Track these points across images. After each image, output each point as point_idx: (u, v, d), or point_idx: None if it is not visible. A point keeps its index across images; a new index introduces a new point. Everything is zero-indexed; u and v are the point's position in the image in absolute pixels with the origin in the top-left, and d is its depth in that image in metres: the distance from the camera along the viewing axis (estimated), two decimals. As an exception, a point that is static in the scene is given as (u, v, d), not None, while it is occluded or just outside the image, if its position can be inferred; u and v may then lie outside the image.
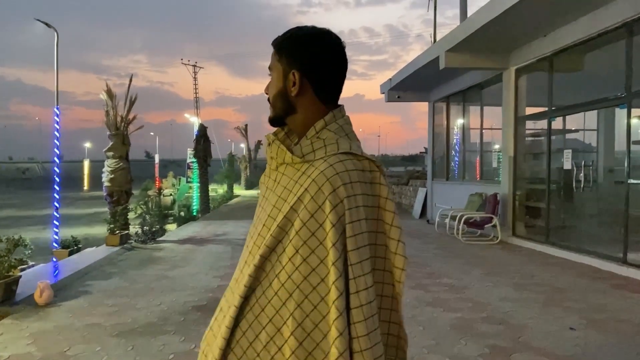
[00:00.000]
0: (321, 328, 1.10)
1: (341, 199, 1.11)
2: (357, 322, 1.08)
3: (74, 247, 9.09)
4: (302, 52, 1.25)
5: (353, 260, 1.10)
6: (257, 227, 1.22)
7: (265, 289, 1.15)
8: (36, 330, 4.33)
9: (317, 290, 1.10)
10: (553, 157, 8.54)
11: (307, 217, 1.12)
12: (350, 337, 1.07)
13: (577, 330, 4.24)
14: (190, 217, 15.76)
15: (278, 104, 1.27)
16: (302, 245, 1.12)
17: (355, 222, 1.12)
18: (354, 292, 1.09)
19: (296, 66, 1.24)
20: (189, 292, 5.65)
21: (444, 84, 12.68)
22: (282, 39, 1.28)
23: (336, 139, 1.21)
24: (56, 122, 9.36)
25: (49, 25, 9.65)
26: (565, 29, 7.72)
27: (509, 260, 7.66)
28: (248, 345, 1.15)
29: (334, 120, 1.24)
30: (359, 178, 1.16)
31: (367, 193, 1.16)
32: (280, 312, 1.13)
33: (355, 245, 1.11)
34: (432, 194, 13.81)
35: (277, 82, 1.27)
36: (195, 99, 58.09)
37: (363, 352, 1.07)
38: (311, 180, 1.14)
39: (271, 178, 1.27)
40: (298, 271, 1.11)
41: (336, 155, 1.17)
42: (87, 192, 37.69)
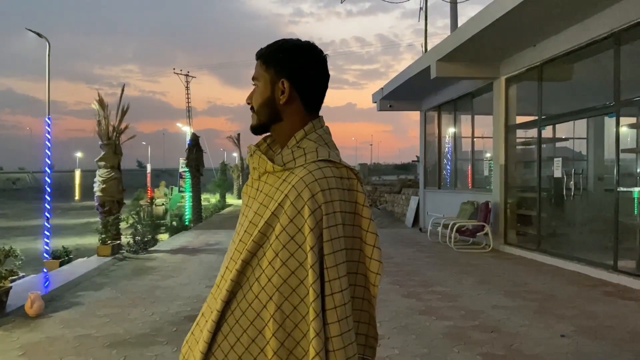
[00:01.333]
0: (301, 328, 1.15)
1: (319, 204, 1.16)
2: (331, 322, 1.13)
3: (65, 257, 9.01)
4: (291, 63, 1.29)
5: (329, 264, 1.15)
6: (240, 234, 1.26)
7: (246, 292, 1.19)
8: (27, 341, 4.29)
9: (296, 292, 1.15)
10: (543, 165, 8.62)
11: (287, 222, 1.17)
12: (325, 337, 1.12)
13: (569, 338, 4.27)
14: (182, 227, 15.68)
15: (264, 112, 1.31)
16: (282, 249, 1.16)
17: (332, 227, 1.17)
18: (329, 294, 1.14)
19: (285, 76, 1.29)
20: (182, 302, 5.63)
21: (435, 93, 12.78)
22: (269, 49, 1.33)
23: (316, 147, 1.26)
24: (47, 132, 9.33)
25: (40, 35, 9.64)
26: (554, 39, 7.83)
27: (501, 268, 7.69)
28: (229, 349, 1.18)
29: (314, 130, 1.30)
30: (337, 185, 1.20)
31: (344, 199, 1.22)
32: (261, 315, 1.17)
33: (331, 249, 1.16)
34: (424, 203, 13.86)
35: (264, 90, 1.30)
36: (188, 108, 58.05)
37: (336, 352, 1.12)
38: (291, 186, 1.19)
39: (253, 187, 1.31)
40: (278, 274, 1.16)
41: (315, 162, 1.22)
42: (78, 202, 37.41)
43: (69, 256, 9.15)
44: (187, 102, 58.43)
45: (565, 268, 7.43)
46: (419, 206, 14.16)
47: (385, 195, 19.00)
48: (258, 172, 1.29)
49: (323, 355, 1.11)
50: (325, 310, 1.13)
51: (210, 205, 25.29)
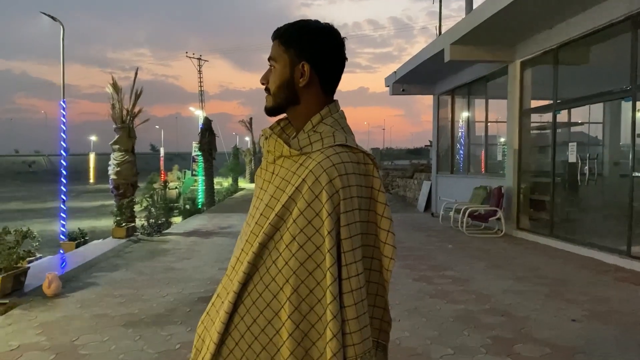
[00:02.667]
0: (316, 310, 1.16)
1: (337, 189, 1.17)
2: (348, 306, 1.15)
3: (81, 239, 9.17)
4: (312, 45, 1.28)
5: (346, 248, 1.16)
6: (255, 217, 1.27)
7: (263, 275, 1.20)
8: (45, 320, 4.40)
9: (313, 275, 1.17)
10: (558, 150, 8.53)
11: (305, 206, 1.18)
12: (342, 320, 1.14)
13: (580, 322, 4.27)
14: (195, 210, 15.82)
15: (282, 94, 1.30)
16: (299, 233, 1.17)
17: (349, 212, 1.18)
18: (346, 278, 1.16)
19: (305, 58, 1.27)
20: (195, 284, 5.71)
21: (448, 76, 12.65)
22: (290, 30, 1.30)
23: (332, 132, 1.26)
24: (62, 116, 9.42)
25: (54, 18, 9.69)
26: (570, 21, 7.69)
27: (513, 253, 7.68)
28: (246, 329, 1.20)
29: (330, 115, 1.29)
30: (354, 170, 1.21)
31: (361, 184, 1.22)
32: (277, 297, 1.18)
33: (348, 234, 1.17)
34: (436, 187, 13.82)
35: (283, 72, 1.29)
36: (200, 92, 58.15)
37: (352, 334, 1.14)
38: (309, 171, 1.19)
39: (268, 171, 1.31)
40: (295, 257, 1.17)
41: (332, 147, 1.22)
42: (93, 185, 37.87)
43: (84, 238, 9.32)
44: (200, 86, 58.53)
45: (578, 253, 7.40)
46: (431, 191, 14.12)
47: (397, 180, 18.96)
48: (273, 156, 1.29)
49: (340, 338, 1.13)
50: (342, 293, 1.15)
51: (222, 189, 25.45)
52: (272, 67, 1.32)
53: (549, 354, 3.58)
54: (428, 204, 14.20)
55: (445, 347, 3.71)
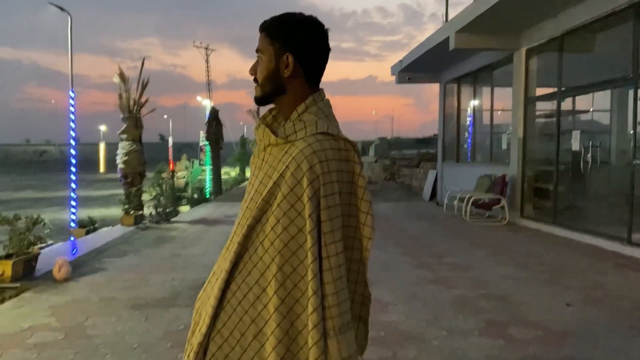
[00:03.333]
0: (300, 287, 1.27)
1: (317, 175, 1.27)
2: (327, 282, 1.26)
3: (90, 226, 9.38)
4: (295, 37, 1.36)
5: (325, 229, 1.27)
6: (247, 201, 1.38)
7: (252, 254, 1.32)
8: (55, 303, 4.57)
9: (296, 254, 1.28)
10: (563, 138, 8.54)
11: (287, 191, 1.28)
12: (322, 295, 1.25)
13: (574, 307, 4.36)
14: (202, 199, 16.00)
15: (268, 84, 1.39)
16: (283, 216, 1.28)
17: (329, 195, 1.28)
18: (325, 257, 1.26)
19: (290, 50, 1.36)
20: (200, 270, 5.85)
21: (455, 65, 12.63)
22: (274, 23, 1.39)
23: (316, 120, 1.35)
24: (71, 105, 9.57)
25: (62, 9, 9.80)
26: (575, 9, 7.67)
27: (515, 240, 7.75)
28: (237, 304, 1.32)
29: (315, 104, 1.38)
30: (334, 156, 1.30)
31: (341, 170, 1.32)
32: (264, 274, 1.30)
33: (328, 216, 1.27)
34: (442, 176, 13.86)
35: (269, 64, 1.37)
36: (208, 82, 58.26)
37: (331, 308, 1.25)
38: (291, 158, 1.29)
39: (259, 158, 1.41)
40: (279, 238, 1.28)
41: (314, 135, 1.31)
42: (103, 175, 38.28)
43: (94, 225, 9.52)
44: (207, 76, 58.63)
45: (580, 241, 7.45)
46: (437, 180, 14.16)
47: (403, 169, 19.00)
48: (263, 144, 1.39)
49: (320, 311, 1.24)
50: (322, 271, 1.26)
51: (230, 178, 25.66)
52: (259, 58, 1.40)
53: (541, 336, 3.68)
54: (434, 193, 14.26)
55: (440, 329, 3.82)
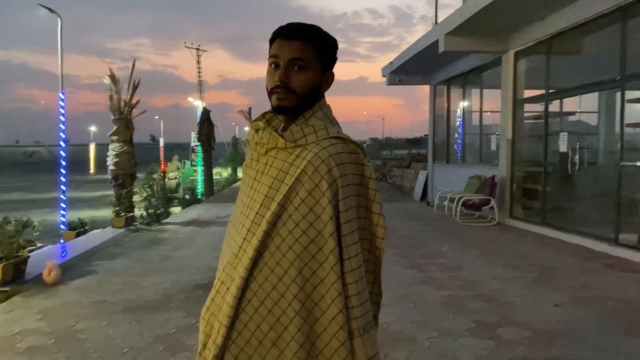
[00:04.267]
0: (319, 290, 1.29)
1: (335, 178, 1.29)
2: (349, 283, 1.29)
3: (80, 229, 9.33)
4: (334, 58, 1.44)
5: (345, 231, 1.30)
6: (254, 208, 1.35)
7: (268, 259, 1.31)
8: (45, 307, 4.55)
9: (315, 258, 1.29)
10: (550, 139, 8.63)
11: (306, 195, 1.29)
12: (345, 296, 1.28)
13: (563, 307, 4.41)
14: (194, 200, 15.96)
15: (309, 97, 1.37)
16: (302, 220, 1.29)
17: (346, 198, 1.31)
18: (347, 259, 1.29)
19: (330, 69, 1.43)
20: (192, 272, 5.85)
21: (444, 67, 12.71)
22: (323, 39, 1.39)
23: (324, 125, 1.38)
24: (61, 107, 9.52)
25: (52, 10, 9.74)
26: (563, 12, 7.76)
27: (505, 241, 7.82)
28: (254, 311, 1.31)
29: (320, 109, 1.41)
30: (348, 159, 1.33)
31: (354, 173, 1.34)
32: (282, 280, 1.29)
33: (347, 218, 1.30)
34: (432, 177, 13.94)
35: (315, 78, 1.37)
36: (199, 82, 58.07)
37: (354, 309, 1.28)
38: (307, 161, 1.30)
39: (261, 162, 1.39)
40: (298, 242, 1.29)
41: (327, 139, 1.34)
42: (93, 176, 38.01)
43: (84, 227, 9.47)
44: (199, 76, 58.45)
45: (568, 241, 7.53)
46: (428, 180, 14.24)
47: (394, 170, 19.08)
48: (265, 148, 1.37)
49: (345, 312, 1.26)
50: (344, 272, 1.28)
51: (222, 179, 25.61)
52: (299, 67, 1.34)
53: (530, 336, 3.73)
54: (424, 193, 14.33)
55: (430, 330, 3.86)
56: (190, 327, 3.98)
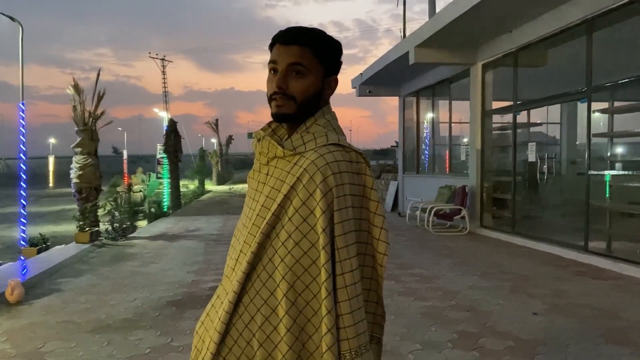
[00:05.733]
0: (312, 306, 1.20)
1: (330, 187, 1.20)
2: (342, 301, 1.18)
3: (42, 245, 8.93)
4: (337, 62, 1.37)
5: (340, 244, 1.20)
6: (252, 218, 1.29)
7: (260, 272, 1.23)
8: (9, 327, 4.28)
9: (308, 271, 1.20)
10: (519, 150, 8.81)
11: (299, 204, 1.21)
12: (336, 314, 1.18)
13: (541, 315, 4.44)
14: (161, 214, 15.59)
15: (309, 103, 1.31)
16: (295, 231, 1.21)
17: (342, 209, 1.21)
18: (340, 274, 1.19)
19: (334, 73, 1.36)
20: (163, 288, 5.65)
21: (413, 78, 12.88)
22: (324, 43, 1.33)
23: (325, 132, 1.30)
24: (21, 118, 9.15)
25: (13, 18, 9.39)
26: (529, 25, 7.97)
27: (477, 250, 7.89)
28: (244, 327, 1.23)
29: (323, 116, 1.33)
30: (347, 168, 1.24)
31: (353, 182, 1.26)
32: (274, 293, 1.21)
33: (342, 231, 1.20)
34: (403, 187, 14.04)
35: (316, 83, 1.31)
36: (164, 93, 57.18)
37: (346, 328, 1.18)
38: (302, 169, 1.23)
39: (262, 172, 1.33)
40: (291, 254, 1.20)
41: (326, 146, 1.26)
42: (52, 189, 36.73)
43: (46, 243, 9.07)
44: (164, 87, 57.56)
45: (538, 249, 7.66)
46: (398, 191, 14.33)
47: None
48: (267, 157, 1.31)
49: (335, 332, 1.16)
50: (337, 289, 1.18)
51: (189, 191, 25.15)
52: (298, 73, 1.30)
53: (512, 346, 3.72)
54: (395, 204, 14.41)
55: (414, 342, 3.81)
56: (166, 347, 3.80)
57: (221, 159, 38.89)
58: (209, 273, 6.41)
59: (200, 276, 6.24)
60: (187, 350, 3.70)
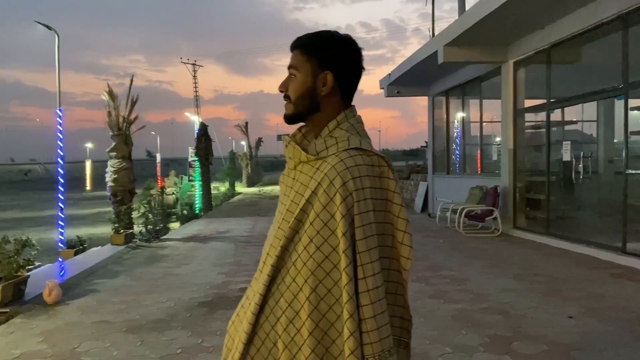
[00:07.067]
0: (335, 310, 1.21)
1: (350, 191, 1.21)
2: (364, 305, 1.19)
3: (79, 246, 9.19)
4: (334, 55, 1.33)
5: (361, 248, 1.20)
6: (279, 221, 1.33)
7: (284, 276, 1.26)
8: (46, 328, 4.42)
9: (330, 275, 1.21)
10: (552, 148, 8.60)
11: (320, 209, 1.22)
12: (359, 319, 1.18)
13: (576, 319, 4.32)
14: (193, 216, 15.84)
15: (303, 102, 1.34)
16: (316, 235, 1.22)
17: (363, 213, 1.22)
18: (362, 278, 1.19)
19: (328, 67, 1.32)
20: (195, 289, 5.74)
21: (443, 78, 12.73)
22: (311, 40, 1.35)
23: (348, 136, 1.30)
24: (59, 124, 9.44)
25: (49, 27, 9.71)
26: (562, 21, 7.77)
27: (510, 252, 7.74)
28: (270, 329, 1.26)
29: (346, 120, 1.34)
30: (368, 172, 1.25)
31: (375, 186, 1.26)
32: (297, 297, 1.23)
33: (363, 235, 1.21)
34: (433, 188, 13.88)
35: (305, 81, 1.33)
36: (196, 97, 58.11)
37: (369, 333, 1.18)
38: (323, 174, 1.24)
39: (290, 177, 1.36)
40: (312, 258, 1.22)
41: (346, 150, 1.26)
42: (89, 192, 37.78)
43: (83, 245, 9.33)
44: (195, 91, 58.51)
45: (573, 251, 7.46)
46: (428, 192, 14.18)
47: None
48: (294, 162, 1.35)
49: (357, 336, 1.17)
50: (359, 293, 1.18)
51: (219, 193, 25.46)
52: (292, 75, 1.35)
53: (546, 350, 3.63)
54: (425, 205, 14.26)
55: (444, 346, 3.76)
56: (196, 347, 3.86)
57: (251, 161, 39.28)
58: (239, 274, 6.48)
59: (230, 277, 6.32)
60: (217, 351, 3.75)
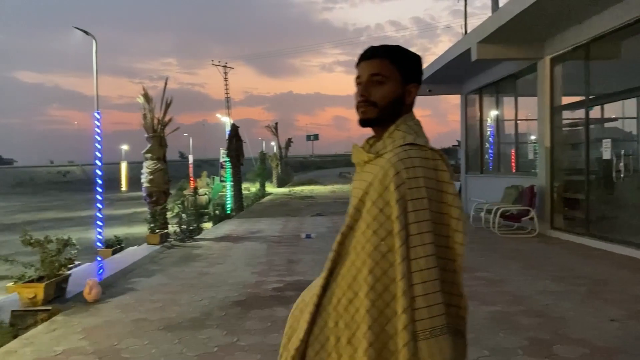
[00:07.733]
0: (391, 290, 1.30)
1: (404, 179, 1.33)
2: (415, 284, 1.28)
3: (117, 246, 9.42)
4: (416, 71, 1.53)
5: (413, 231, 1.30)
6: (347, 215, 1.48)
7: (345, 259, 1.40)
8: (87, 325, 4.54)
9: (386, 257, 1.32)
10: (592, 146, 8.35)
11: (376, 197, 1.36)
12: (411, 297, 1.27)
13: (618, 322, 4.18)
14: (225, 216, 16.03)
15: (390, 108, 1.48)
16: (373, 220, 1.35)
17: (416, 199, 1.32)
18: (413, 259, 1.29)
19: (414, 80, 1.51)
20: (228, 288, 5.80)
21: (476, 75, 12.52)
22: (398, 53, 1.50)
23: (404, 135, 1.44)
24: (97, 126, 9.70)
25: (87, 32, 9.98)
26: (601, 15, 7.54)
27: (548, 253, 7.55)
28: (332, 309, 1.39)
29: (405, 122, 1.48)
30: (421, 164, 1.36)
31: (429, 177, 1.36)
32: (357, 278, 1.36)
33: (415, 219, 1.31)
34: (466, 188, 13.67)
35: (396, 89, 1.48)
36: (226, 98, 58.83)
37: (420, 310, 1.27)
38: (379, 167, 1.40)
39: (356, 177, 1.53)
40: (370, 242, 1.34)
41: (402, 146, 1.40)
42: (124, 193, 38.68)
43: (120, 245, 9.56)
44: (226, 93, 59.24)
45: (615, 252, 7.23)
46: (461, 191, 13.97)
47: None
48: (360, 164, 1.53)
49: (409, 313, 1.25)
50: (411, 272, 1.27)
51: (250, 194, 25.67)
52: (378, 82, 1.48)
53: (588, 354, 3.52)
54: (458, 205, 14.04)
55: (482, 348, 3.69)
56: (232, 346, 3.90)
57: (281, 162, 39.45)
58: (272, 274, 6.52)
59: (263, 277, 6.36)
60: (253, 350, 3.78)
